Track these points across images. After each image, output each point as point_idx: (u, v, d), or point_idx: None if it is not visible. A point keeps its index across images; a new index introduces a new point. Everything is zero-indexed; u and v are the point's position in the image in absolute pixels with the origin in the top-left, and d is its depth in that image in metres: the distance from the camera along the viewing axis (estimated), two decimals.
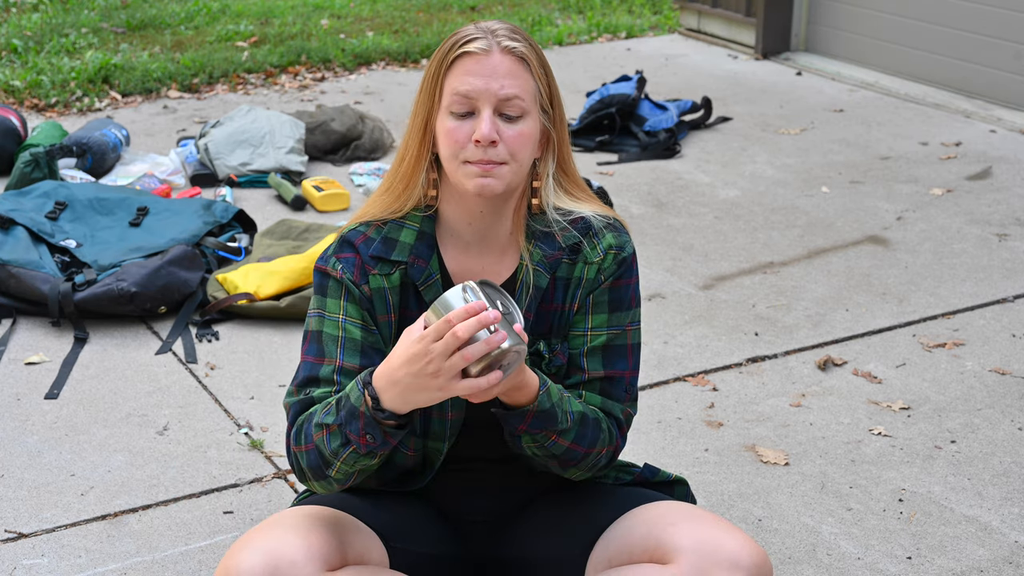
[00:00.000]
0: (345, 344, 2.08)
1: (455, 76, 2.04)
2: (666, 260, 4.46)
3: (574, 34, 7.71)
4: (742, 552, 2.01)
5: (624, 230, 2.19)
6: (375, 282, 2.11)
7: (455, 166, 2.06)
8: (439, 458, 2.19)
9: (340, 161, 5.43)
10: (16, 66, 6.86)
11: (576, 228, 2.14)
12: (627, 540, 2.10)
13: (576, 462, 2.10)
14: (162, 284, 3.97)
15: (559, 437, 2.05)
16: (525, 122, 2.05)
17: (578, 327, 2.15)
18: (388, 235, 2.13)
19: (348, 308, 2.10)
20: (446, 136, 2.05)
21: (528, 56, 2.07)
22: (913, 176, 5.27)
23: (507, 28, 2.08)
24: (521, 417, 2.01)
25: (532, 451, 2.08)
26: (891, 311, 4.05)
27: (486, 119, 2.02)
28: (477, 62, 2.03)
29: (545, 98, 2.10)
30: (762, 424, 3.40)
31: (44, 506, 3.04)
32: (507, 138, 2.04)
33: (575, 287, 2.15)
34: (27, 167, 4.80)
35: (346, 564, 2.05)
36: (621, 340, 2.16)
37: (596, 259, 2.14)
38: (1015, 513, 3.00)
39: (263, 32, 7.62)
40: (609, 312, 2.15)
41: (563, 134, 2.14)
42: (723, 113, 6.10)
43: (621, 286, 2.16)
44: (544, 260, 2.13)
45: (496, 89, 2.02)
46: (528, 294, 2.12)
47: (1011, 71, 6.04)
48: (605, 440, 2.12)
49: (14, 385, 3.62)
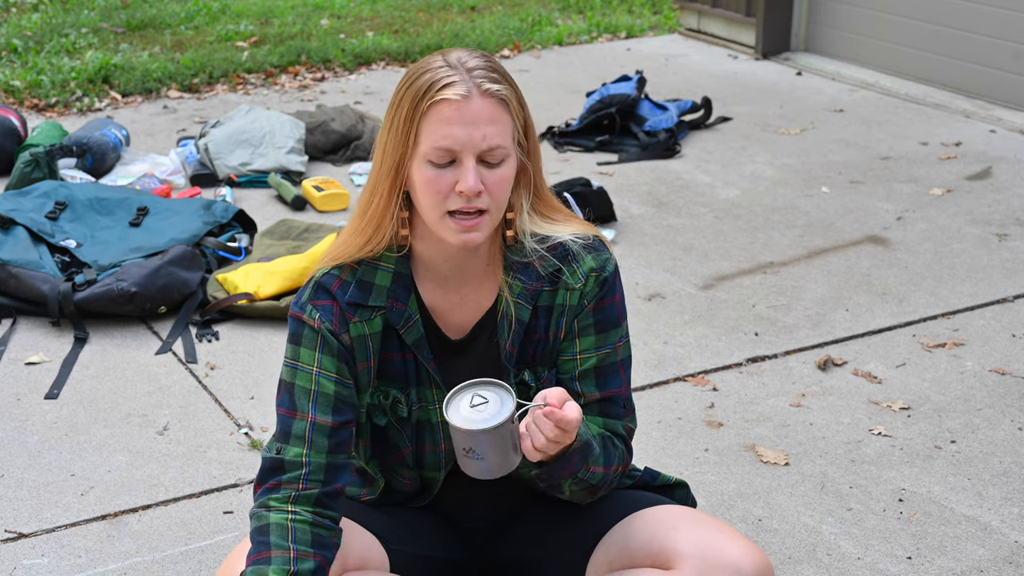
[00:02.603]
0: (317, 399, 2.03)
1: (433, 125, 1.95)
2: (666, 260, 4.46)
3: (574, 34, 7.70)
4: (744, 558, 2.00)
5: (604, 247, 2.13)
6: (356, 330, 2.06)
7: (436, 217, 1.99)
8: (436, 485, 2.19)
9: (340, 161, 5.43)
10: (16, 66, 6.86)
11: (554, 255, 2.08)
12: (628, 544, 2.09)
13: (607, 485, 2.10)
14: (162, 284, 3.97)
15: (594, 465, 2.04)
16: (506, 165, 1.99)
17: (566, 352, 2.12)
18: (363, 278, 2.07)
19: (323, 360, 2.04)
20: (426, 186, 1.97)
21: (508, 97, 1.99)
22: (913, 176, 5.27)
23: (483, 65, 1.99)
24: (566, 462, 1.98)
25: (571, 490, 2.06)
26: (891, 311, 4.05)
27: (471, 171, 1.95)
28: (457, 110, 1.94)
29: (521, 133, 2.03)
30: (762, 424, 3.40)
31: (44, 506, 3.04)
32: (489, 185, 1.97)
33: (558, 315, 2.10)
34: (27, 167, 4.80)
35: (347, 568, 2.05)
36: (612, 358, 2.13)
37: (577, 285, 2.09)
38: (1015, 513, 3.00)
39: (263, 32, 7.62)
40: (596, 334, 2.11)
41: (537, 164, 2.08)
42: (723, 113, 6.09)
43: (605, 306, 2.12)
44: (525, 292, 2.08)
45: (479, 140, 1.95)
46: (511, 328, 2.09)
47: (1011, 71, 6.04)
48: (620, 456, 2.12)
49: (14, 385, 3.62)
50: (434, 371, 2.10)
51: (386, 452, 2.17)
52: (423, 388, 2.12)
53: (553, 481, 2.02)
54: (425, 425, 2.13)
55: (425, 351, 2.09)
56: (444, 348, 2.13)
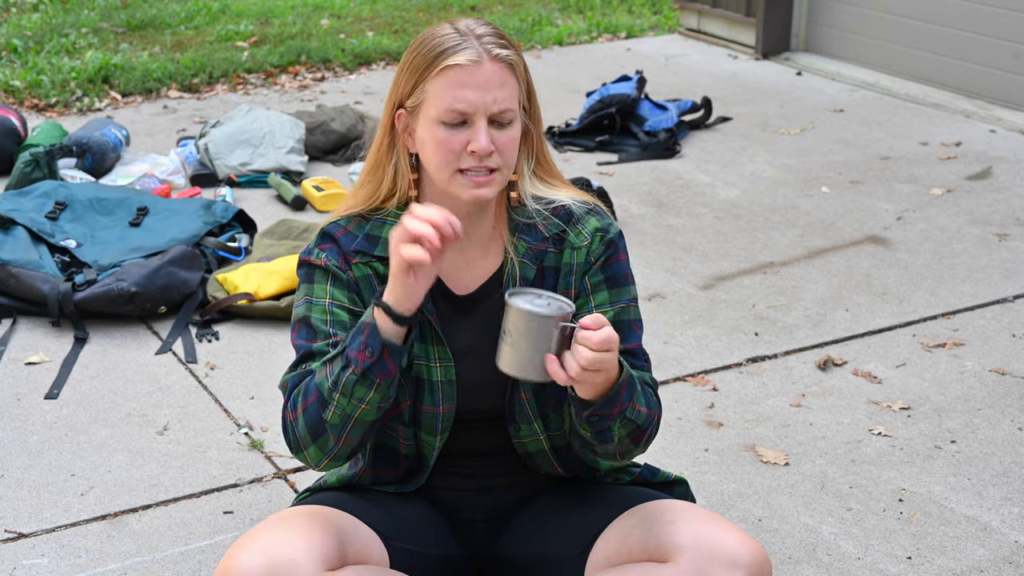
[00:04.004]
0: (334, 325, 2.10)
1: (445, 88, 2.03)
2: (666, 260, 4.46)
3: (574, 34, 7.71)
4: (741, 550, 2.01)
5: (604, 213, 2.21)
6: (359, 270, 2.14)
7: (447, 175, 2.07)
8: (432, 453, 2.19)
9: (340, 161, 5.43)
10: (16, 66, 6.86)
11: (558, 217, 2.17)
12: (626, 539, 2.10)
13: (650, 430, 2.09)
14: (162, 284, 3.97)
15: (639, 404, 2.05)
16: (514, 127, 2.07)
17: (582, 310, 2.16)
18: (371, 232, 2.15)
19: (334, 292, 2.12)
20: (439, 146, 2.05)
21: (515, 62, 2.08)
22: (913, 176, 5.27)
23: (491, 32, 2.08)
24: (616, 395, 1.99)
25: (619, 434, 2.05)
26: (891, 311, 4.05)
27: (482, 131, 2.03)
28: (469, 74, 2.03)
29: (525, 97, 2.12)
30: (762, 424, 3.40)
31: (44, 506, 3.04)
32: (499, 145, 2.05)
33: (567, 273, 2.16)
34: (27, 167, 4.80)
35: (346, 564, 2.05)
36: (626, 315, 2.17)
37: (583, 243, 2.16)
38: (1015, 513, 3.00)
39: (263, 32, 7.62)
40: (609, 289, 2.17)
41: (539, 128, 2.17)
42: (723, 113, 6.10)
43: (613, 263, 2.17)
44: (530, 251, 2.15)
45: (490, 103, 2.03)
46: (516, 286, 2.13)
47: (1011, 71, 6.04)
48: (656, 402, 2.13)
49: (14, 385, 3.62)
50: (437, 325, 2.13)
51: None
52: (426, 344, 2.14)
53: (603, 424, 2.02)
54: (424, 384, 2.15)
55: (429, 305, 2.13)
56: (449, 306, 2.17)
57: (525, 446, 2.21)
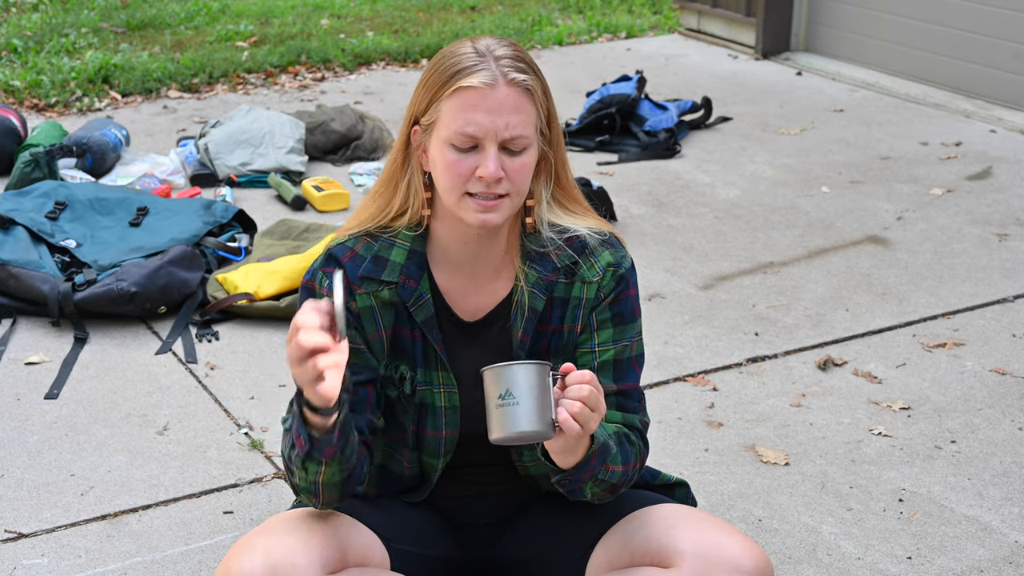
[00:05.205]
0: None
1: (457, 110, 1.98)
2: (666, 260, 4.46)
3: (574, 34, 7.70)
4: (743, 555, 2.01)
5: (620, 244, 2.16)
6: (362, 301, 2.09)
7: (455, 198, 2.02)
8: (435, 473, 2.19)
9: (340, 161, 5.43)
10: (16, 66, 6.86)
11: (571, 247, 2.12)
12: (628, 543, 2.09)
13: (627, 482, 2.09)
14: (162, 284, 3.97)
15: (613, 464, 2.04)
16: (528, 154, 2.03)
17: (585, 345, 2.14)
18: (379, 253, 2.10)
19: None
20: (447, 169, 2.01)
21: (533, 87, 2.02)
22: (913, 176, 5.27)
23: (511, 54, 2.02)
24: (585, 465, 1.98)
25: (593, 492, 2.06)
26: (891, 311, 4.05)
27: (492, 158, 1.98)
28: (482, 97, 1.98)
29: (544, 122, 2.06)
30: (762, 424, 3.40)
31: (44, 506, 3.04)
32: (510, 172, 2.01)
33: (575, 307, 2.13)
34: (27, 167, 4.80)
35: (347, 566, 2.05)
36: (628, 352, 2.15)
37: (595, 278, 2.12)
38: (1015, 513, 3.00)
39: (263, 32, 7.62)
40: (614, 327, 2.14)
41: (561, 154, 2.11)
42: (723, 113, 6.09)
43: (622, 300, 2.14)
44: (540, 281, 2.11)
45: (501, 128, 1.98)
46: (524, 317, 2.11)
47: (1011, 71, 6.04)
48: (637, 451, 2.12)
49: (14, 385, 3.62)
50: (441, 351, 2.11)
51: (391, 428, 2.18)
52: (430, 370, 2.13)
53: (574, 486, 2.03)
54: (428, 409, 2.14)
55: (434, 331, 2.11)
56: (456, 331, 2.14)
57: (528, 469, 2.20)
